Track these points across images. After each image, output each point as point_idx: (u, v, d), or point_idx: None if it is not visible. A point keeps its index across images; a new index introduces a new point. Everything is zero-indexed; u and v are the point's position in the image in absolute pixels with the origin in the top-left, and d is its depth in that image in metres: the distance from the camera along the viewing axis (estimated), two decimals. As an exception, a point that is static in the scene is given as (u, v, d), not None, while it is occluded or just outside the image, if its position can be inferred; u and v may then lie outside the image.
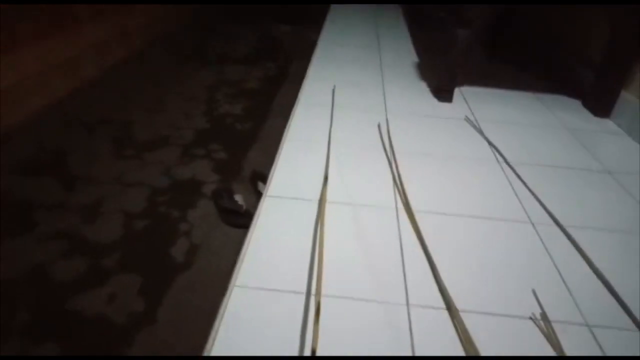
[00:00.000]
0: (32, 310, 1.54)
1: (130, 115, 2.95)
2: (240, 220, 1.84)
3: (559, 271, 0.90)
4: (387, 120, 1.53)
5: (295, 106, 1.61)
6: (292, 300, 0.79)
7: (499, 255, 0.94)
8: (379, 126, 1.50)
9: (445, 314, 0.81)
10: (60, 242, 1.83)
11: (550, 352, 0.75)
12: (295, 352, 0.71)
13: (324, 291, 0.79)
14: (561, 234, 1.02)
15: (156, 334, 1.51)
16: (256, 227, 0.96)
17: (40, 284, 1.63)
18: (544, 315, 0.80)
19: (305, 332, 0.74)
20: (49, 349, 1.42)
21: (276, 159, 1.25)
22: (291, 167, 1.21)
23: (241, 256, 0.90)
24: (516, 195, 1.17)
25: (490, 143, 1.43)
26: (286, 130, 1.43)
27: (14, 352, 1.39)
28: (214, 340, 0.73)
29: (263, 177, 1.43)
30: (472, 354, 0.73)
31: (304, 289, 0.83)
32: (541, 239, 0.99)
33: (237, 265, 0.87)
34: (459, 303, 0.82)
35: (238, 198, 1.91)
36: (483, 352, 0.72)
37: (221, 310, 0.78)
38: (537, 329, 0.79)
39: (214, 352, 0.70)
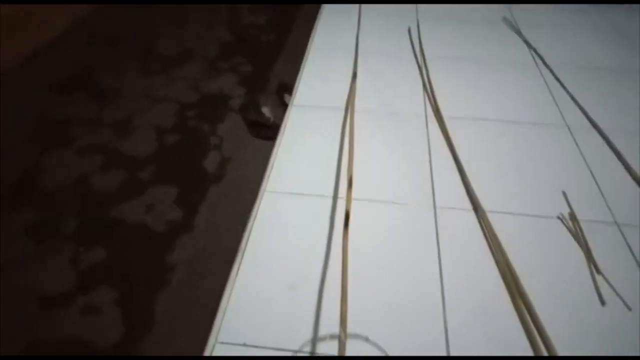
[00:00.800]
0: (80, 217, 1.65)
1: (154, 28, 2.89)
2: (268, 132, 1.85)
3: (592, 173, 0.88)
4: (417, 23, 1.45)
5: (320, 12, 1.54)
6: (320, 203, 0.82)
7: (531, 159, 0.93)
8: (409, 30, 1.42)
9: (472, 214, 0.82)
10: (98, 155, 1.90)
11: (577, 250, 0.76)
12: (322, 247, 0.74)
13: (351, 195, 0.80)
14: (597, 137, 0.99)
15: (194, 240, 1.60)
16: (284, 135, 0.97)
17: (84, 193, 1.72)
18: (572, 215, 0.80)
19: (333, 231, 0.77)
20: (98, 253, 1.53)
21: (301, 69, 1.21)
22: (317, 76, 1.18)
23: (270, 163, 0.91)
24: (553, 98, 1.11)
25: (528, 44, 1.35)
26: (311, 38, 1.37)
27: (68, 256, 1.51)
28: (247, 240, 0.77)
29: (289, 88, 1.41)
30: (497, 250, 0.74)
31: (331, 193, 0.85)
32: (576, 142, 0.96)
33: (267, 172, 0.89)
34: (486, 205, 0.82)
35: (265, 111, 1.90)
36: (508, 250, 0.73)
37: (253, 214, 0.81)
38: (564, 228, 0.79)
39: (247, 253, 0.74)
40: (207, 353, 0.63)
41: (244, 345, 0.64)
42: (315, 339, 0.63)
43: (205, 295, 1.31)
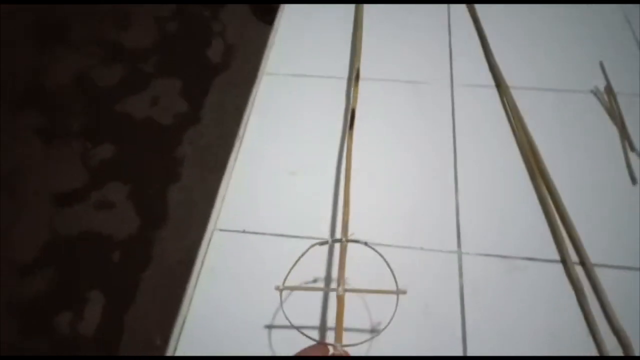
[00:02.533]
0: (86, 113, 1.60)
1: None
2: (273, 14, 1.69)
3: (638, 41, 0.76)
4: None
5: None
6: (327, 86, 0.73)
7: (565, 25, 0.80)
8: None
9: (493, 90, 0.73)
10: (98, 49, 1.80)
11: (609, 127, 0.68)
12: (327, 133, 0.68)
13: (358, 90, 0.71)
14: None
15: (201, 132, 1.55)
16: (283, 13, 0.85)
17: (88, 89, 1.66)
18: (608, 88, 0.70)
19: (338, 119, 0.70)
20: (107, 149, 1.51)
21: None
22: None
23: (269, 44, 0.81)
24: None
25: None
26: None
27: (78, 154, 1.48)
28: (245, 126, 0.71)
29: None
30: (519, 127, 0.66)
31: (340, 74, 0.76)
32: (625, 15, 0.82)
33: (265, 53, 0.80)
34: (509, 81, 0.72)
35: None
36: (532, 129, 0.65)
37: (251, 99, 0.74)
38: (598, 102, 0.70)
39: (245, 139, 0.68)
40: (205, 241, 0.60)
41: (244, 232, 0.61)
42: (315, 226, 0.59)
43: (215, 188, 1.29)
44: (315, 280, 0.56)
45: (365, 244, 0.46)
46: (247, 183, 0.67)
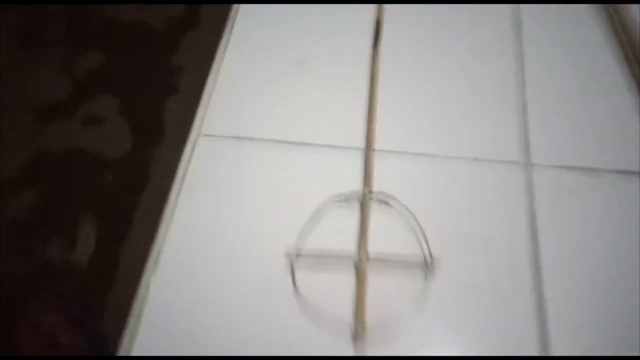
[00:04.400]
0: (70, 17, 1.40)
1: None
2: None
3: None
4: None
5: None
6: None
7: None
8: None
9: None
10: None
11: None
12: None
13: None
14: None
15: (199, 38, 1.36)
16: None
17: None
18: None
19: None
20: (95, 57, 1.33)
21: None
22: None
23: None
24: None
25: None
26: None
27: (62, 63, 1.31)
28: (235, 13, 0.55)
29: None
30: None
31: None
32: None
33: None
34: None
35: None
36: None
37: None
38: None
39: (229, 47, 0.52)
40: (189, 147, 0.47)
41: (237, 137, 0.45)
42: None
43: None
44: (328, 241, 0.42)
45: (396, 201, 0.38)
46: (243, 79, 0.51)
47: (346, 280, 0.39)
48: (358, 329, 0.37)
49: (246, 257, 0.40)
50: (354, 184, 0.44)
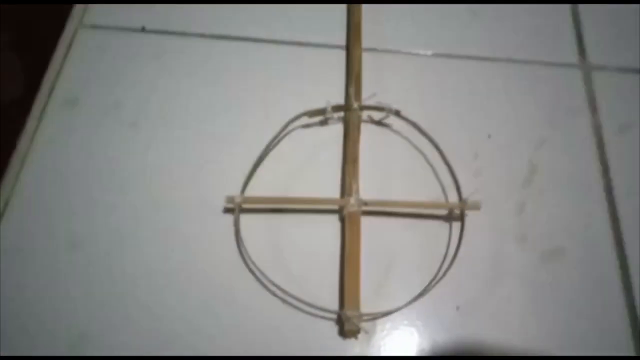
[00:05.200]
0: None
1: None
2: None
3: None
4: None
5: None
6: None
7: None
8: None
9: None
10: None
11: None
12: None
13: None
14: None
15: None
16: None
17: None
18: None
19: None
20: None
21: None
22: None
23: None
24: None
25: None
26: None
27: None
28: None
29: None
30: None
31: None
32: None
33: None
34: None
35: None
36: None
37: None
38: None
39: None
40: (65, 41, 0.34)
41: (142, 31, 0.29)
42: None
43: None
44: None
45: (398, 114, 0.28)
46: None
47: (330, 240, 0.29)
48: (348, 307, 0.26)
49: (164, 208, 0.30)
50: (335, 94, 0.32)
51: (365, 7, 0.35)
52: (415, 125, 0.30)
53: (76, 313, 0.26)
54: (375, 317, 0.26)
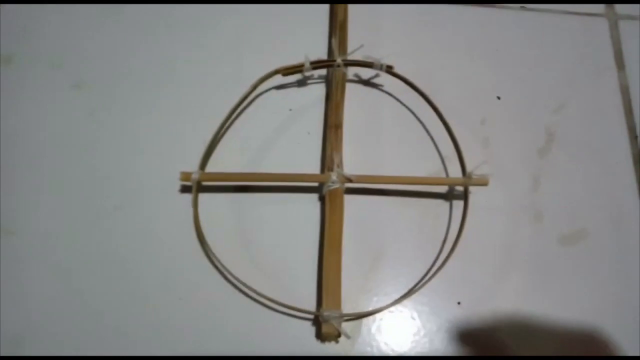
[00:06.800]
0: None
1: None
2: None
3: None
4: None
5: None
6: None
7: None
8: None
9: None
10: None
11: None
12: None
13: None
14: None
15: None
16: None
17: None
18: None
19: None
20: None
21: None
22: None
23: None
24: None
25: None
26: None
27: None
28: None
29: None
30: None
31: None
32: None
33: None
34: None
35: None
36: None
37: None
38: None
39: None
40: None
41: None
42: None
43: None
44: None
45: (390, 71, 0.25)
46: None
47: (307, 223, 0.25)
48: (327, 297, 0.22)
49: (111, 186, 0.25)
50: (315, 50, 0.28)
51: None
52: (410, 85, 0.25)
53: (9, 310, 0.22)
54: (358, 316, 0.22)
